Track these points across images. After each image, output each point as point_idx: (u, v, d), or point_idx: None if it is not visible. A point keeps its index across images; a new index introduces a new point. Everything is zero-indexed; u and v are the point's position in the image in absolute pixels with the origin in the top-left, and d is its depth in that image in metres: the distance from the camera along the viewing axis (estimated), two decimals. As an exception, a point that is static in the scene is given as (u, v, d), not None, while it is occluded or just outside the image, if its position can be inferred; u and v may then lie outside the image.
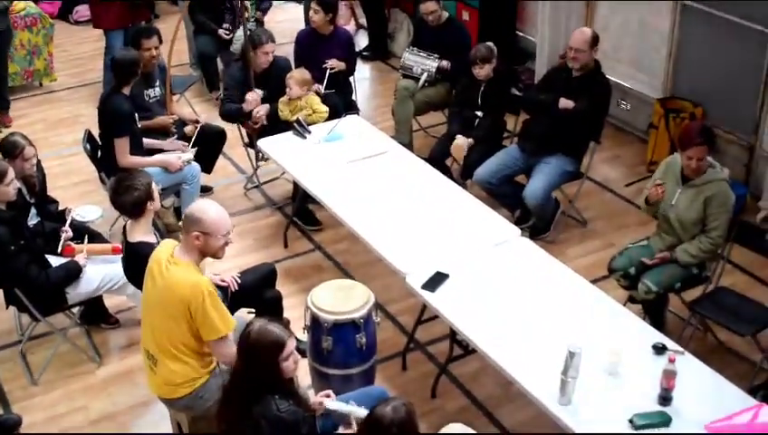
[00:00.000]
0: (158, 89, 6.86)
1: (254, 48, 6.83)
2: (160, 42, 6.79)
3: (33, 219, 5.54)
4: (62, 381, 5.43)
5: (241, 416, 3.73)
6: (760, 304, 5.26)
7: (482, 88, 6.75)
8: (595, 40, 6.24)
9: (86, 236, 5.57)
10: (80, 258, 5.29)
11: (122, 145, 6.20)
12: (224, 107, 7.00)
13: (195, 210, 4.27)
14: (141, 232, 4.84)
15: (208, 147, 6.95)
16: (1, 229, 5.00)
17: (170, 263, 4.22)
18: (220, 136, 7.05)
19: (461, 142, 6.66)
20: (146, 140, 6.50)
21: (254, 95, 6.89)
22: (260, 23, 8.94)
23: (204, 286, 4.13)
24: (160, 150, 6.58)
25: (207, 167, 6.96)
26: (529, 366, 4.25)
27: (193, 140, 6.68)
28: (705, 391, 4.10)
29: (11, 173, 5.15)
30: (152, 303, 4.30)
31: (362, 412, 3.90)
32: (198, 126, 6.83)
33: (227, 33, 8.62)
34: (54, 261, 5.35)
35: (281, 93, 6.88)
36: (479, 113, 6.80)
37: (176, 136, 6.81)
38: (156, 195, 4.92)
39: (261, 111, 6.87)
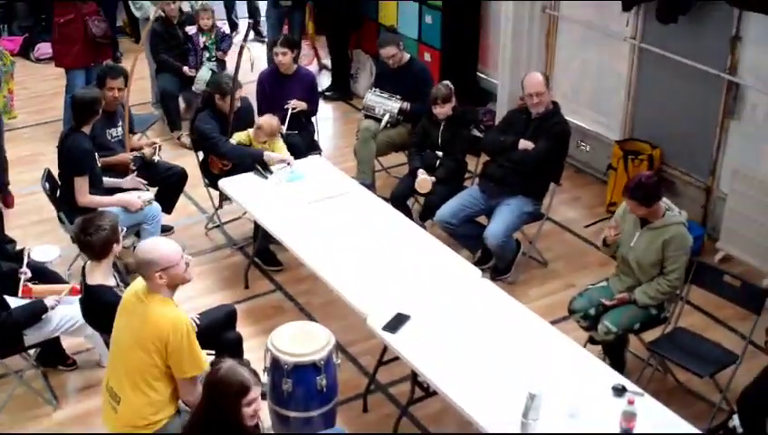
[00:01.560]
0: (119, 128, 6.83)
1: (224, 96, 6.82)
2: (126, 83, 6.75)
3: (-11, 259, 5.47)
4: (18, 423, 5.32)
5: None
6: (718, 344, 5.30)
7: (441, 128, 6.79)
8: (547, 79, 6.36)
9: (68, 285, 5.48)
10: (50, 300, 5.20)
11: (82, 183, 6.15)
12: (227, 145, 6.81)
13: (143, 254, 4.28)
14: (101, 274, 4.79)
15: (169, 187, 6.92)
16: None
17: (146, 299, 4.24)
18: (180, 176, 7.02)
19: (426, 177, 6.68)
20: (105, 180, 6.45)
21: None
22: (221, 62, 8.95)
23: (183, 323, 4.18)
24: (119, 190, 6.53)
25: (168, 207, 6.92)
26: (490, 408, 4.24)
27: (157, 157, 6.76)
28: (664, 433, 4.12)
29: None
30: (126, 339, 4.27)
31: None
32: (156, 146, 6.88)
33: (191, 71, 8.63)
34: (12, 302, 5.27)
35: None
36: (440, 153, 6.83)
37: (135, 173, 6.76)
38: (120, 236, 4.89)
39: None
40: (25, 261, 5.51)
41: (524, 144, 6.35)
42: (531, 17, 8.26)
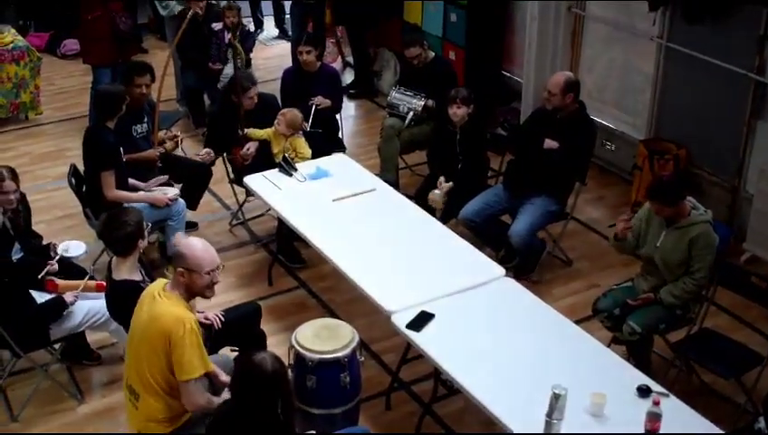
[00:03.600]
0: (145, 125, 6.85)
1: (238, 94, 6.85)
2: (153, 79, 6.78)
3: (16, 254, 5.50)
4: (43, 418, 5.36)
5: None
6: (744, 345, 5.26)
7: (458, 137, 6.72)
8: (570, 86, 6.25)
9: (87, 277, 5.50)
10: (69, 296, 5.24)
11: (108, 178, 6.18)
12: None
13: (181, 246, 4.29)
14: (127, 270, 4.81)
15: (193, 183, 6.95)
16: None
17: (160, 296, 4.22)
18: (205, 172, 7.05)
19: (437, 198, 6.57)
20: (129, 181, 6.47)
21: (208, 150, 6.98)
22: (246, 61, 8.97)
23: (188, 322, 4.12)
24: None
25: (192, 203, 6.94)
26: (513, 407, 4.24)
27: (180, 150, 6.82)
28: (689, 434, 4.09)
29: None
30: (138, 336, 4.27)
31: None
32: (178, 139, 6.93)
33: (216, 66, 8.65)
34: (38, 296, 5.32)
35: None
36: (460, 157, 6.78)
37: (159, 171, 6.78)
38: (145, 232, 4.91)
39: (251, 147, 6.89)
40: (54, 255, 5.55)
41: (549, 143, 6.32)
42: (556, 16, 8.24)
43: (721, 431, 4.15)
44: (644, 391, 4.30)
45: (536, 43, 8.33)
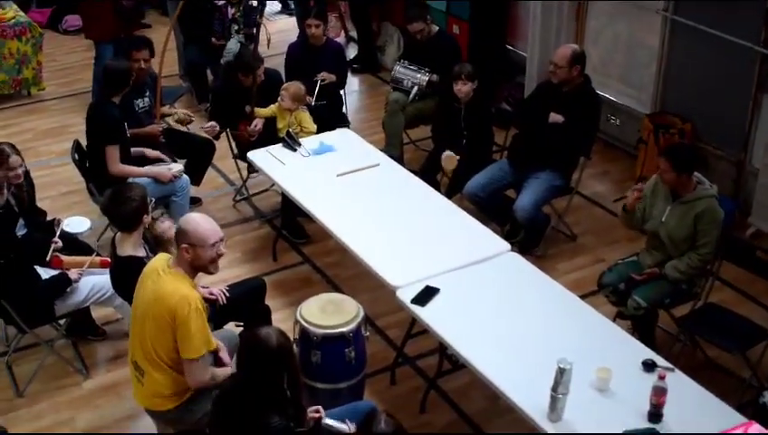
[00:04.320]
0: (147, 99, 6.84)
1: (246, 73, 6.81)
2: (152, 54, 6.78)
3: (21, 230, 5.50)
4: (49, 393, 5.39)
5: (233, 428, 3.70)
6: (749, 320, 5.25)
7: (462, 113, 6.70)
8: (577, 58, 6.23)
9: (94, 253, 5.51)
10: (73, 273, 5.25)
11: (113, 153, 6.17)
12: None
13: (182, 222, 4.28)
14: (131, 245, 4.81)
15: (197, 159, 6.94)
16: (-12, 241, 4.98)
17: (164, 273, 4.20)
18: (209, 147, 7.04)
19: (452, 153, 6.63)
20: (133, 149, 6.47)
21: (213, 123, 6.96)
22: (248, 35, 8.92)
23: (193, 301, 4.11)
24: (145, 159, 6.54)
25: (196, 179, 6.94)
26: (518, 381, 4.24)
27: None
28: (694, 408, 4.10)
29: None
30: (142, 312, 4.27)
31: (354, 429, 3.89)
32: (191, 116, 7.04)
33: (219, 41, 8.62)
34: (43, 272, 5.32)
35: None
36: (465, 132, 6.76)
37: (164, 145, 6.78)
38: (149, 208, 4.90)
39: (258, 124, 6.87)
40: (57, 231, 5.55)
41: (554, 117, 6.30)
42: (561, -11, 8.18)
43: (726, 406, 4.14)
44: (649, 366, 4.30)
45: (541, 17, 8.27)
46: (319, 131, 6.84)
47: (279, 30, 10.67)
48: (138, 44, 6.74)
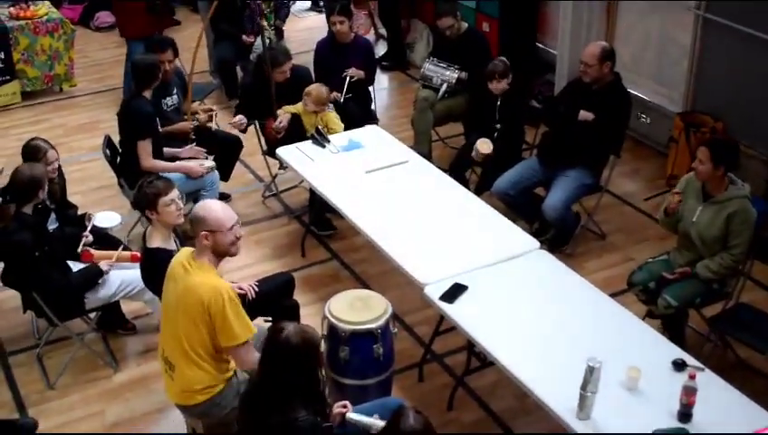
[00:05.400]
0: (175, 97, 6.88)
1: (273, 67, 6.83)
2: (175, 54, 6.83)
3: (52, 224, 5.54)
4: (79, 386, 5.43)
5: (260, 423, 3.71)
6: (780, 320, 5.21)
7: (498, 102, 6.72)
8: (606, 55, 6.19)
9: (121, 247, 5.56)
10: (104, 265, 5.30)
11: (145, 148, 6.22)
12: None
13: (197, 210, 4.32)
14: (160, 238, 4.86)
15: (225, 155, 6.97)
16: (26, 235, 5.04)
17: (191, 266, 4.22)
18: (236, 144, 7.07)
19: (487, 139, 6.58)
20: (165, 149, 6.50)
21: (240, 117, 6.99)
22: (279, 31, 8.96)
23: (225, 291, 4.13)
24: (178, 159, 6.58)
25: (224, 174, 6.97)
26: (547, 379, 4.22)
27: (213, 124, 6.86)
28: (725, 409, 4.07)
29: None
30: (172, 306, 4.29)
31: (381, 425, 3.88)
32: (213, 113, 6.98)
33: (250, 38, 8.65)
34: (72, 266, 5.37)
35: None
36: (498, 126, 6.75)
37: (194, 142, 6.82)
38: (174, 193, 4.93)
39: (283, 120, 6.88)
40: (89, 226, 5.60)
41: (584, 115, 6.27)
42: (592, -14, 8.15)
43: (757, 407, 4.11)
44: (679, 365, 4.27)
45: (571, 15, 8.24)
46: (348, 128, 6.85)
47: (308, 27, 10.69)
48: (161, 45, 6.78)
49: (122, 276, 5.38)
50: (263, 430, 3.72)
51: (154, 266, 4.77)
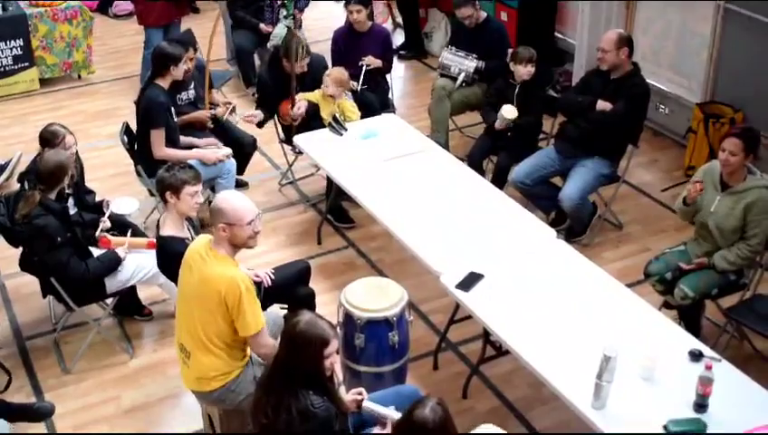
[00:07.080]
0: (191, 91, 6.87)
1: (289, 59, 6.82)
2: (195, 49, 6.83)
3: (71, 209, 5.57)
4: (95, 371, 5.46)
5: (275, 409, 3.72)
6: (798, 312, 5.18)
7: (516, 90, 6.70)
8: (624, 41, 6.17)
9: (129, 231, 5.59)
10: (120, 251, 5.33)
11: (158, 136, 6.23)
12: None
13: (217, 201, 4.30)
14: (173, 225, 4.88)
15: (239, 153, 6.92)
16: (52, 220, 5.06)
17: (207, 255, 4.23)
18: (250, 145, 7.05)
19: (510, 108, 6.58)
20: (182, 138, 6.51)
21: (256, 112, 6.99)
22: (297, 20, 8.95)
23: (242, 281, 4.14)
24: (195, 147, 6.59)
25: (238, 170, 6.93)
26: (562, 369, 4.22)
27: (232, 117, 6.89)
28: (741, 400, 4.05)
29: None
30: (188, 295, 4.30)
31: (397, 415, 3.88)
32: (231, 106, 6.96)
33: (268, 27, 8.64)
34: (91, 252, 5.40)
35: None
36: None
37: (211, 131, 6.82)
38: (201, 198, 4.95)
39: (301, 107, 6.86)
40: (106, 212, 5.62)
41: (602, 105, 6.24)
42: (611, -24, 8.11)
43: (774, 397, 4.10)
44: (696, 356, 4.26)
45: (590, 5, 8.20)
46: (365, 117, 6.84)
47: (324, 16, 10.67)
48: (185, 45, 6.76)
49: (137, 261, 5.40)
50: (279, 416, 3.73)
51: (165, 253, 4.80)
